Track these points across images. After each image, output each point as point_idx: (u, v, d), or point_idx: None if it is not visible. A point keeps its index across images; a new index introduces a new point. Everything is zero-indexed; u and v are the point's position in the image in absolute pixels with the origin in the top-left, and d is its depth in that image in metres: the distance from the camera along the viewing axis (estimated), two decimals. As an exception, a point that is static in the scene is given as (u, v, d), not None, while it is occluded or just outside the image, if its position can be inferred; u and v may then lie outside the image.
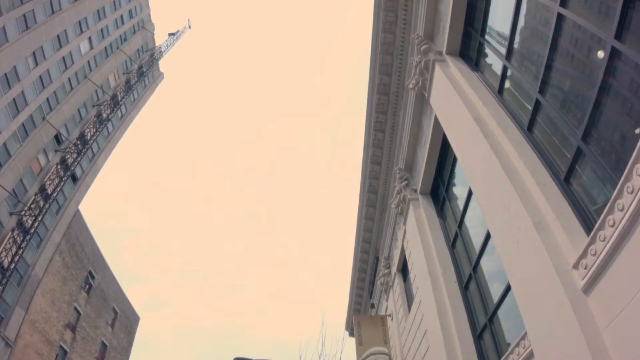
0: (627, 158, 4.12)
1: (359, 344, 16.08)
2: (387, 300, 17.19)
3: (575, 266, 4.79)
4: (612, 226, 4.17)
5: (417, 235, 11.44)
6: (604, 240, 4.30)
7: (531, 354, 5.80)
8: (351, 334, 20.71)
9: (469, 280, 9.32)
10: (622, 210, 4.04)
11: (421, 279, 11.25)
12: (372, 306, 20.61)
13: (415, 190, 12.16)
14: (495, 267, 7.76)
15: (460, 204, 9.84)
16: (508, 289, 7.05)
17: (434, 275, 10.49)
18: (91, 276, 44.03)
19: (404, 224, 12.96)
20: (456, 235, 10.07)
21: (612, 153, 4.83)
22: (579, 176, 5.41)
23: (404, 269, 15.09)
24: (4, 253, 29.76)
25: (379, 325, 16.46)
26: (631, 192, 3.93)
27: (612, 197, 4.18)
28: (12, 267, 29.95)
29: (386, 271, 16.66)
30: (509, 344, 7.29)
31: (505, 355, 6.83)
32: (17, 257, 30.42)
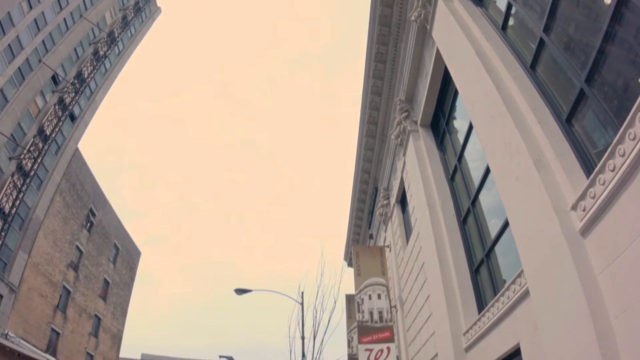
0: (630, 105, 4.04)
1: (358, 274, 16.42)
2: (385, 231, 17.44)
3: (574, 207, 4.79)
4: (612, 171, 4.13)
5: (417, 167, 11.45)
6: (603, 184, 4.27)
7: (526, 293, 5.91)
8: (350, 265, 21.17)
9: (468, 214, 9.41)
10: (622, 156, 3.99)
11: (420, 210, 11.35)
12: (371, 237, 20.95)
13: (416, 122, 12.06)
14: (494, 202, 7.80)
15: (461, 137, 9.77)
16: (506, 225, 7.12)
17: (432, 207, 10.58)
18: (92, 214, 44.42)
19: (404, 155, 12.94)
20: (455, 168, 10.07)
21: (614, 99, 4.72)
22: (581, 118, 5.32)
23: (402, 201, 15.21)
24: (5, 199, 29.99)
25: (377, 256, 16.75)
26: (633, 139, 3.87)
27: (614, 142, 4.12)
28: (13, 212, 30.24)
29: (385, 202, 16.81)
30: (504, 281, 7.45)
31: (501, 292, 6.97)
32: (18, 201, 30.65)
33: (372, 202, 19.41)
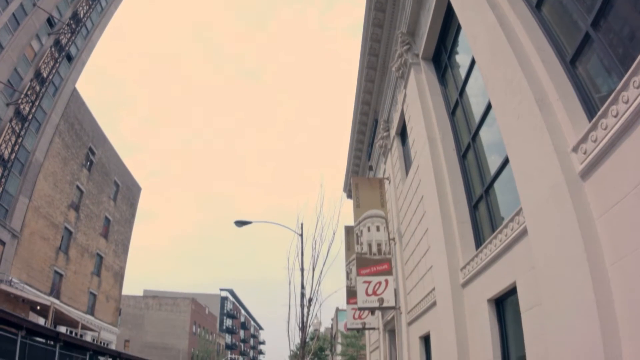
0: (635, 53, 3.95)
1: (357, 206, 16.55)
2: (385, 163, 17.45)
3: (575, 149, 4.76)
4: (615, 117, 4.07)
5: (417, 100, 11.30)
6: (605, 129, 4.22)
7: (524, 231, 5.97)
8: (349, 196, 21.30)
9: (468, 149, 9.37)
10: (626, 102, 3.91)
11: (420, 143, 11.31)
12: (370, 168, 20.98)
13: (417, 55, 11.79)
14: (495, 139, 7.74)
15: (462, 72, 9.57)
16: (506, 162, 7.10)
17: (432, 141, 10.52)
18: (91, 152, 44.42)
19: (405, 87, 12.75)
20: (457, 103, 9.94)
21: (620, 46, 4.58)
22: (585, 62, 5.18)
23: (402, 133, 15.13)
24: (4, 145, 29.92)
25: (376, 188, 16.83)
26: (637, 87, 3.79)
27: (618, 88, 4.04)
28: (12, 157, 30.25)
29: (385, 134, 16.72)
30: (503, 219, 7.51)
31: (499, 229, 7.04)
32: (17, 146, 30.58)
33: (372, 134, 19.31)
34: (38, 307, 31.99)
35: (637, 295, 3.94)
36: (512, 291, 6.82)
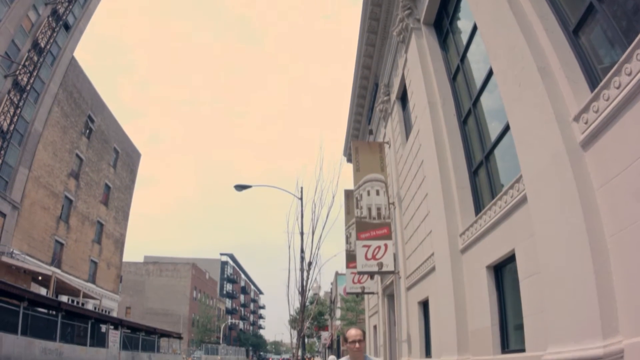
0: (639, 26, 3.93)
1: (357, 170, 16.57)
2: (385, 127, 17.42)
3: (576, 119, 4.76)
4: (617, 88, 4.06)
5: (418, 64, 11.21)
6: (607, 100, 4.22)
7: (524, 199, 6.01)
8: (349, 160, 21.30)
9: (468, 115, 9.35)
10: (629, 75, 3.90)
11: (420, 108, 11.27)
12: (370, 132, 20.92)
13: (419, 20, 11.62)
14: (496, 105, 7.72)
15: (464, 38, 9.45)
16: (506, 129, 7.10)
17: (433, 106, 10.49)
18: (90, 120, 44.26)
19: (405, 52, 12.63)
20: (458, 68, 9.86)
21: (624, 18, 4.53)
22: (588, 32, 5.13)
23: (403, 98, 15.05)
24: (2, 117, 29.72)
25: (376, 152, 16.82)
26: (641, 60, 3.77)
27: (621, 60, 4.02)
28: (11, 129, 30.12)
29: (385, 98, 16.64)
30: (502, 185, 7.55)
31: (499, 196, 7.10)
32: (16, 117, 30.42)
33: (372, 98, 19.21)
34: (39, 278, 32.33)
35: (636, 268, 4.00)
36: (510, 258, 6.92)
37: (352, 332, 4.35)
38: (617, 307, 4.21)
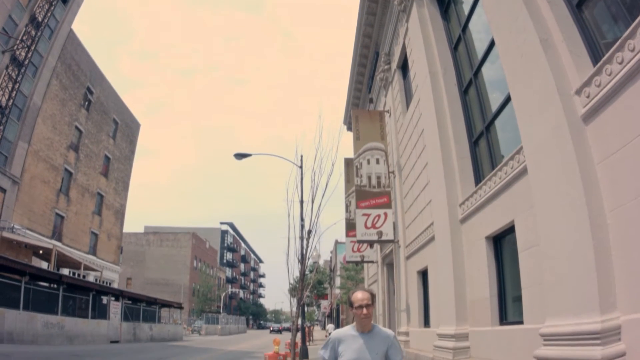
0: None
1: (357, 138, 16.58)
2: (385, 96, 17.36)
3: (578, 92, 4.76)
4: (620, 64, 4.06)
5: (420, 34, 11.12)
6: (610, 75, 4.21)
7: (524, 170, 6.05)
8: (349, 129, 21.26)
9: (469, 85, 9.33)
10: (632, 51, 3.89)
11: (421, 77, 11.23)
12: (371, 101, 20.85)
13: (420, -12, 11.51)
14: (497, 76, 7.71)
15: (466, 8, 9.36)
16: (507, 100, 7.10)
17: (434, 75, 10.46)
18: (89, 92, 44.10)
19: (407, 21, 12.51)
20: (459, 38, 9.78)
21: None
22: (592, 7, 5.09)
23: (404, 67, 14.97)
24: (1, 92, 29.54)
25: (376, 121, 16.81)
26: (645, 36, 3.76)
27: (624, 36, 4.01)
28: (10, 104, 30.00)
29: (386, 67, 16.54)
30: (503, 157, 7.57)
31: (499, 167, 7.13)
32: (15, 92, 30.24)
33: (373, 66, 19.09)
34: (40, 251, 32.56)
35: (635, 245, 4.05)
36: (510, 230, 6.99)
37: (359, 296, 3.80)
38: (616, 283, 4.27)
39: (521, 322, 6.46)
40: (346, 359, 3.68)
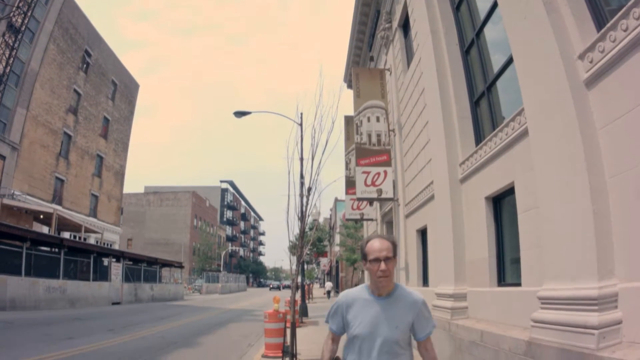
0: None
1: (357, 96, 16.57)
2: (386, 54, 17.24)
3: (581, 57, 4.76)
4: (625, 31, 4.06)
5: (421, -9, 11.01)
6: (614, 41, 4.21)
7: (525, 132, 6.10)
8: (349, 87, 21.16)
9: (471, 45, 9.27)
10: (637, 19, 3.89)
11: (422, 36, 11.15)
12: (371, 59, 20.71)
13: (421, -55, 11.32)
14: (499, 37, 7.67)
15: (469, -34, 9.25)
16: (510, 61, 7.08)
17: (435, 34, 10.36)
18: (87, 54, 44.08)
19: (408, -22, 12.38)
20: (462, -3, 9.70)
21: None
22: None
23: (405, 25, 14.83)
24: None
25: (377, 79, 16.77)
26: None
27: (629, 4, 3.99)
28: (7, 70, 29.87)
29: (387, 25, 16.38)
30: (504, 118, 7.62)
31: (500, 127, 7.18)
32: (12, 59, 30.00)
33: (374, 25, 18.91)
34: (41, 216, 32.89)
35: (635, 212, 4.13)
36: (510, 191, 7.09)
37: (376, 245, 2.78)
38: (614, 250, 4.34)
39: (519, 284, 6.58)
40: (357, 333, 2.83)
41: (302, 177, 10.59)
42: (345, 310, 2.91)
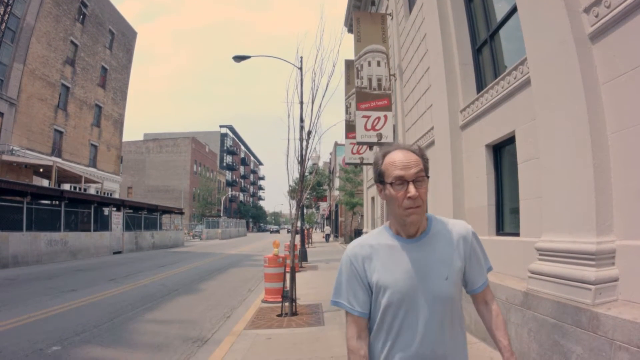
0: None
1: (358, 40, 16.43)
2: (387, -1, 16.98)
3: (587, 10, 4.72)
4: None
5: None
6: (619, -2, 4.20)
7: (527, 82, 6.10)
8: (350, 31, 20.89)
9: (475, -9, 9.15)
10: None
11: (424, -20, 10.97)
12: (373, 4, 20.38)
13: None
14: (504, -16, 7.58)
15: None
16: (514, 10, 6.99)
17: (437, -21, 10.20)
18: (83, 5, 43.57)
19: None
20: (463, -56, 9.46)
21: None
22: None
23: (406, -31, 14.55)
24: None
25: (378, 23, 16.58)
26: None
27: None
28: (3, 27, 29.45)
29: (388, -33, 16.08)
30: (506, 67, 7.59)
31: (502, 76, 7.17)
32: (7, 15, 29.48)
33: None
34: (41, 170, 32.95)
35: (635, 169, 4.20)
36: (510, 140, 7.16)
37: (398, 157, 1.89)
38: (613, 207, 4.42)
39: (517, 234, 6.71)
40: (387, 302, 1.90)
41: (302, 120, 10.62)
42: (363, 269, 1.97)
